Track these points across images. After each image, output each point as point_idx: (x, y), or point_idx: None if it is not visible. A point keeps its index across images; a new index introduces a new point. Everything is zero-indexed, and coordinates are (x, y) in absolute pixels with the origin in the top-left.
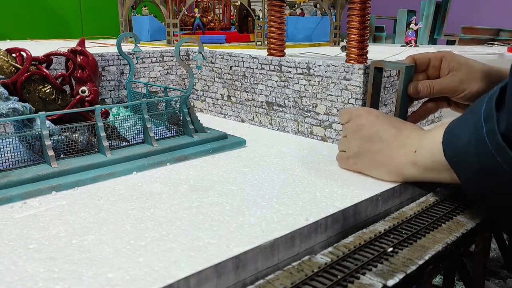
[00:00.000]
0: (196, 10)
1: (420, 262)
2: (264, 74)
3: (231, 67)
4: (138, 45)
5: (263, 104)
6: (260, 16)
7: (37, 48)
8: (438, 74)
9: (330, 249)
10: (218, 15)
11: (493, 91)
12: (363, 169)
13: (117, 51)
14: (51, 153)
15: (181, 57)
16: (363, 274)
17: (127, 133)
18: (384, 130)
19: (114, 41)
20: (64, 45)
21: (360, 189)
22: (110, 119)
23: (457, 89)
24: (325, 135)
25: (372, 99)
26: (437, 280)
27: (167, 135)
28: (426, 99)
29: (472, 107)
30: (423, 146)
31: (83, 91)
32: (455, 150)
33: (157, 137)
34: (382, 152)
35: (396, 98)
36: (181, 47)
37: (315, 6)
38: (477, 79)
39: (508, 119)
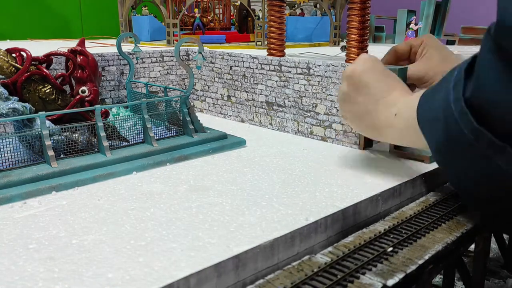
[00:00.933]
0: (196, 10)
1: (420, 262)
2: (264, 74)
3: (231, 67)
4: (138, 45)
5: (263, 104)
6: (260, 16)
7: (37, 48)
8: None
9: (330, 249)
10: (218, 15)
11: (465, 61)
12: (345, 117)
13: (117, 51)
14: (51, 153)
15: (181, 57)
16: (363, 274)
17: (127, 133)
18: (374, 84)
19: (114, 41)
20: (64, 45)
21: (360, 189)
22: (110, 119)
23: (422, 79)
24: (325, 135)
25: None
26: (437, 280)
27: (167, 135)
28: None
29: (447, 74)
30: (402, 110)
31: (83, 91)
32: (426, 117)
33: (157, 137)
34: (366, 106)
35: None
36: (181, 47)
37: (315, 6)
38: (445, 71)
39: (474, 86)
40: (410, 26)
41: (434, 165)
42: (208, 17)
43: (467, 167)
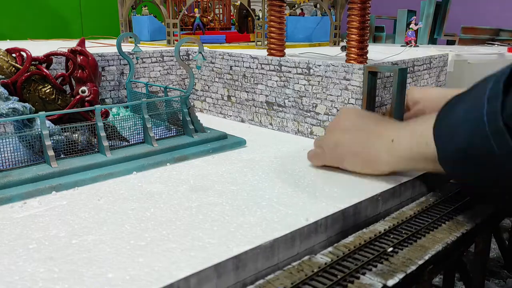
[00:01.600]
0: (196, 10)
1: (420, 262)
2: (264, 74)
3: (231, 67)
4: (138, 45)
5: (263, 104)
6: (260, 16)
7: (37, 48)
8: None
9: (330, 249)
10: (218, 15)
11: (500, 71)
12: (337, 162)
13: (117, 51)
14: (51, 153)
15: (181, 57)
16: (363, 274)
17: (127, 133)
18: (362, 122)
19: (114, 41)
20: (64, 45)
21: (360, 189)
22: (110, 119)
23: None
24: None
25: (368, 102)
26: (437, 280)
27: (167, 135)
28: None
29: (477, 83)
30: (401, 136)
31: (83, 91)
32: (446, 124)
33: (157, 137)
34: (359, 142)
35: (391, 99)
36: (181, 47)
37: (315, 6)
38: (435, 108)
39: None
40: (410, 26)
41: None
42: (208, 17)
43: (485, 176)
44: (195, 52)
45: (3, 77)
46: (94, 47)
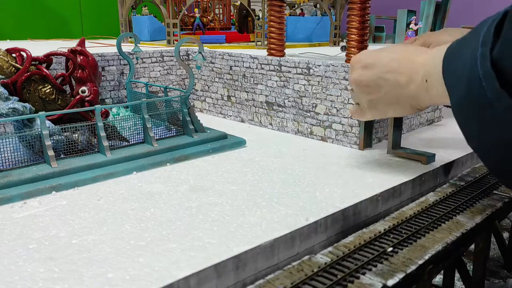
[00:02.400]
0: (196, 10)
1: (420, 262)
2: (264, 74)
3: (231, 67)
4: (138, 45)
5: (263, 104)
6: (260, 16)
7: (37, 48)
8: None
9: (330, 249)
10: (218, 15)
11: (496, 15)
12: (380, 115)
13: (117, 51)
14: (51, 153)
15: (181, 57)
16: (363, 274)
17: (127, 133)
18: (386, 70)
19: (114, 41)
20: (64, 45)
21: (360, 189)
22: (110, 119)
23: None
24: (324, 135)
25: None
26: (437, 280)
27: (167, 135)
28: None
29: (476, 27)
30: (431, 73)
31: (83, 91)
32: (451, 71)
33: (157, 137)
34: (393, 92)
35: None
36: (181, 47)
37: (315, 6)
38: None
39: (502, 45)
40: (410, 26)
41: (433, 166)
42: (208, 17)
43: (485, 129)
44: (195, 52)
45: (3, 77)
46: (94, 47)
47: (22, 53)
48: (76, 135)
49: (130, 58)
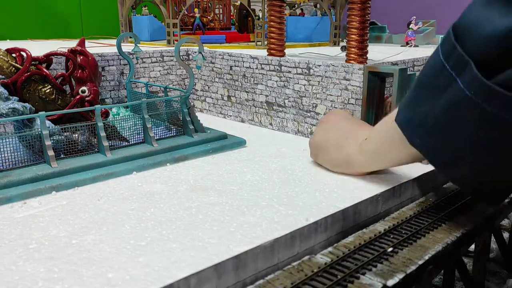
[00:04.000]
0: (196, 10)
1: (420, 262)
2: (264, 74)
3: (231, 67)
4: (138, 45)
5: (263, 104)
6: (260, 16)
7: (37, 48)
8: None
9: (330, 249)
10: (218, 15)
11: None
12: (322, 162)
13: (117, 51)
14: (51, 153)
15: (181, 57)
16: (363, 274)
17: (127, 133)
18: (345, 124)
19: (114, 41)
20: (64, 45)
21: (360, 189)
22: (110, 119)
23: None
24: None
25: (368, 103)
26: (437, 280)
27: (167, 135)
28: None
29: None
30: (373, 132)
31: (83, 91)
32: (407, 96)
33: (157, 137)
34: (336, 142)
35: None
36: (181, 47)
37: (315, 6)
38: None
39: (460, 18)
40: (410, 26)
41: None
42: (208, 17)
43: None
44: (195, 52)
45: (3, 77)
46: (94, 47)
47: (22, 53)
48: (76, 135)
49: (130, 58)
